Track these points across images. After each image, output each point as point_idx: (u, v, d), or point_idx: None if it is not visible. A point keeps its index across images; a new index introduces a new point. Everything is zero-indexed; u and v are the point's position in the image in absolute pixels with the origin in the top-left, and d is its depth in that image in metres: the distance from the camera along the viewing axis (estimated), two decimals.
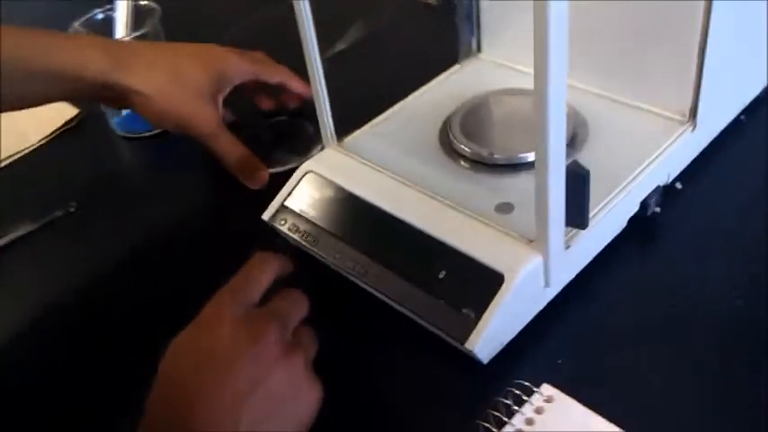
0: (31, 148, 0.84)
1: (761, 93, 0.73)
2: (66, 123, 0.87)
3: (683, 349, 0.53)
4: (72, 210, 0.75)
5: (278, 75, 0.77)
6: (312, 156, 0.68)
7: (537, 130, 0.46)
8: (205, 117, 0.70)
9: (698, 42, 0.59)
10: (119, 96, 0.69)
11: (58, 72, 0.66)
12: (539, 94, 0.44)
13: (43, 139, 0.85)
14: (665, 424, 0.49)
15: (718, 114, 0.69)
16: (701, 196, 0.65)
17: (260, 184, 0.72)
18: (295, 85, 0.77)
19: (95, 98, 0.75)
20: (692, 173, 0.67)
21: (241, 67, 0.75)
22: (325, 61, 0.61)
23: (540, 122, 0.45)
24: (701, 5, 0.58)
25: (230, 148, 0.71)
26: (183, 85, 0.69)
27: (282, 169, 0.73)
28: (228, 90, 0.74)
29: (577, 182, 0.50)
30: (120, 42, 0.78)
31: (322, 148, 0.67)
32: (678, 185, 0.66)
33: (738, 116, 0.72)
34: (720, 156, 0.68)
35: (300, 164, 0.66)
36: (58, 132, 0.86)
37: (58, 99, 0.73)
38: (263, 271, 0.52)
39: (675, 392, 0.51)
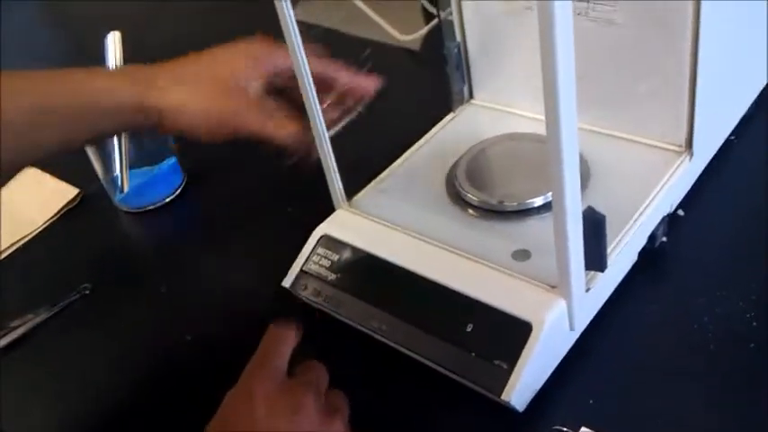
0: (35, 232, 0.85)
1: (747, 111, 0.76)
2: (68, 203, 0.87)
3: (707, 376, 0.55)
4: (87, 292, 0.75)
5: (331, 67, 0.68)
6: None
7: (553, 183, 0.48)
8: (242, 113, 0.65)
9: (688, 73, 0.62)
10: (150, 118, 0.65)
11: (88, 105, 0.64)
12: (553, 151, 0.46)
13: (48, 220, 0.86)
14: None
15: (712, 139, 0.71)
16: (704, 220, 0.67)
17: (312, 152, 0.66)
18: (355, 78, 0.68)
19: (124, 128, 0.72)
20: (691, 198, 0.69)
21: (276, 55, 0.67)
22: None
23: (556, 174, 0.47)
24: (689, 35, 0.60)
25: (282, 132, 0.65)
26: (211, 88, 0.66)
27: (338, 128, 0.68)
28: (266, 77, 0.67)
29: (594, 228, 0.52)
30: (141, 66, 0.71)
31: None
32: (680, 212, 0.68)
33: (729, 137, 0.74)
34: (716, 177, 0.70)
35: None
36: (61, 214, 0.87)
37: (81, 141, 0.68)
38: (283, 342, 0.53)
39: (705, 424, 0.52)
